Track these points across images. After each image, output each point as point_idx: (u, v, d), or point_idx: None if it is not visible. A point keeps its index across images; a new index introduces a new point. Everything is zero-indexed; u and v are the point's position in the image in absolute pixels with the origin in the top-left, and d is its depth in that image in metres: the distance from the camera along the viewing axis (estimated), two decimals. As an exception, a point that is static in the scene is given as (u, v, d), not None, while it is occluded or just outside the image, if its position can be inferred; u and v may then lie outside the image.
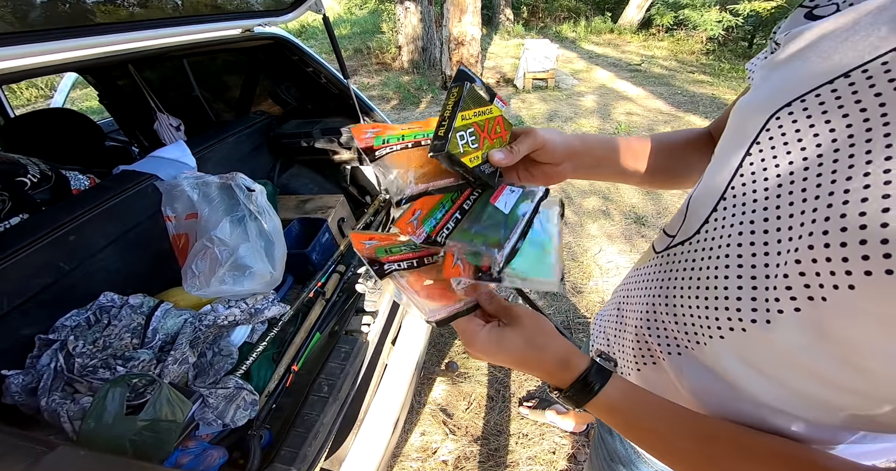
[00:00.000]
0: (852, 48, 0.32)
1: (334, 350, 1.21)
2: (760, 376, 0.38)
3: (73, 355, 0.93)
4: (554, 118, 4.87)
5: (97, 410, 0.77)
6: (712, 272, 0.40)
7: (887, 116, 0.28)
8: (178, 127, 1.99)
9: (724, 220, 0.40)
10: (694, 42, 7.84)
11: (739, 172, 0.39)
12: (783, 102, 0.36)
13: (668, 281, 0.48)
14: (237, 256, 1.14)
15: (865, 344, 0.29)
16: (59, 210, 1.12)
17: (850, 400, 0.33)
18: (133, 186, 1.25)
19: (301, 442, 0.98)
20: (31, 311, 1.00)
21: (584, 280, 2.43)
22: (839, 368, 0.31)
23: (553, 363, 0.45)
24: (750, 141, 0.39)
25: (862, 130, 0.30)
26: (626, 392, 0.43)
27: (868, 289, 0.27)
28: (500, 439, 1.67)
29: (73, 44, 1.05)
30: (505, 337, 0.46)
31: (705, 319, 0.41)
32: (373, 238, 0.54)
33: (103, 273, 1.16)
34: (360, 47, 8.59)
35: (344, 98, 1.77)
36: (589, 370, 0.44)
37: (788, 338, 0.33)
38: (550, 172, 0.59)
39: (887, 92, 0.29)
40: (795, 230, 0.32)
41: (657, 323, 0.50)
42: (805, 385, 0.35)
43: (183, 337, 1.03)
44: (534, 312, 0.49)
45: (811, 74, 0.35)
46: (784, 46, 0.40)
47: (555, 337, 0.47)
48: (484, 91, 0.54)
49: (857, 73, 0.31)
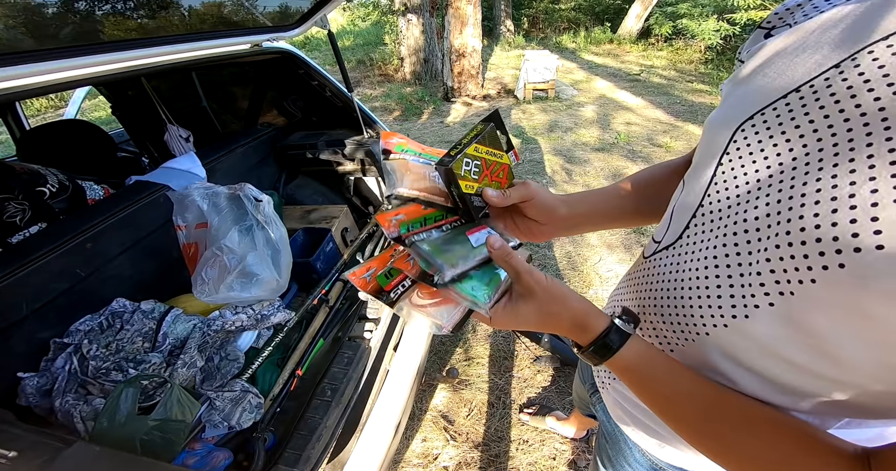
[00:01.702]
0: (801, 65, 0.36)
1: (337, 356, 1.23)
2: (743, 368, 0.41)
3: (86, 358, 0.97)
4: (554, 129, 4.92)
5: (111, 409, 0.80)
6: (694, 274, 0.44)
7: (832, 128, 0.32)
8: (188, 138, 2.04)
9: (703, 225, 0.44)
10: (692, 51, 7.90)
11: (714, 181, 0.43)
12: (746, 116, 0.40)
13: (656, 284, 0.51)
14: (245, 264, 1.18)
15: (831, 332, 0.32)
16: (76, 219, 1.16)
17: (826, 387, 0.36)
18: (146, 196, 1.30)
19: (304, 445, 1.00)
20: (48, 315, 1.04)
21: (584, 289, 2.46)
22: (812, 356, 0.34)
23: (569, 327, 0.47)
24: (721, 152, 0.42)
25: (813, 140, 0.33)
26: (640, 353, 0.45)
27: (826, 282, 0.30)
28: (500, 445, 1.68)
29: (92, 60, 1.10)
30: (519, 312, 0.48)
31: (690, 317, 0.44)
32: (370, 268, 0.55)
33: (116, 280, 1.20)
34: (363, 59, 8.71)
35: (348, 110, 1.82)
36: (607, 332, 0.46)
37: (766, 330, 0.37)
38: (535, 229, 0.63)
39: (829, 106, 0.33)
40: (763, 232, 0.35)
41: (648, 323, 0.53)
42: (784, 375, 0.38)
43: (192, 342, 1.07)
44: (546, 278, 0.48)
45: (768, 90, 0.39)
46: (746, 64, 0.44)
47: (567, 302, 0.47)
48: (504, 141, 0.58)
49: (805, 88, 0.35)
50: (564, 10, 11.56)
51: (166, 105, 2.05)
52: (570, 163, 4.02)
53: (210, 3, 1.33)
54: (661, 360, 0.45)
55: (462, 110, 6.04)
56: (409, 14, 6.57)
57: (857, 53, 0.32)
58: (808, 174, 0.33)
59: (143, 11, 1.18)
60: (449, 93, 6.48)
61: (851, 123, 0.31)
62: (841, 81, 0.32)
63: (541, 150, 4.38)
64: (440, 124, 5.51)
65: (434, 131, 5.25)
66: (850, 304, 0.30)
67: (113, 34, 1.18)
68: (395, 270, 0.55)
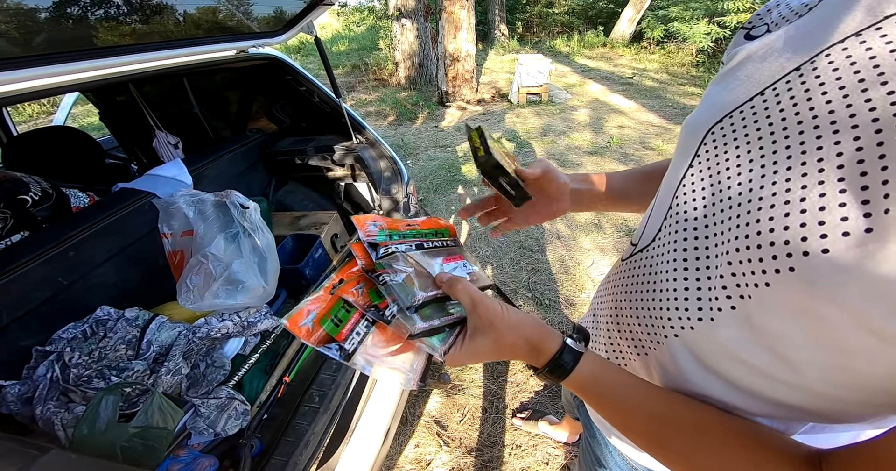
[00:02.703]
0: (768, 68, 0.37)
1: (326, 362, 1.23)
2: (709, 372, 0.42)
3: (68, 366, 0.96)
4: (548, 133, 4.94)
5: (90, 416, 0.80)
6: (663, 277, 0.44)
7: (787, 131, 0.32)
8: (177, 145, 2.04)
9: (670, 228, 0.44)
10: (684, 54, 7.96)
11: (682, 184, 0.43)
12: (716, 119, 0.40)
13: (631, 286, 0.51)
14: (231, 272, 1.18)
15: (785, 335, 0.32)
16: (59, 227, 1.16)
17: (785, 391, 0.36)
18: (131, 203, 1.29)
19: (291, 451, 1.00)
20: (30, 323, 1.03)
21: (577, 292, 2.46)
22: (770, 359, 0.35)
23: (526, 353, 0.47)
24: (692, 155, 0.42)
25: (769, 143, 0.33)
26: (592, 372, 0.45)
27: (779, 285, 0.31)
28: (493, 451, 1.67)
29: (75, 67, 1.10)
30: (476, 348, 0.48)
31: (659, 320, 0.45)
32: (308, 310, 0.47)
33: (101, 288, 1.20)
34: (357, 64, 8.75)
35: (337, 116, 1.82)
36: (560, 352, 0.46)
37: (728, 333, 0.37)
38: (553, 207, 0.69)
39: (787, 109, 0.33)
40: (725, 235, 0.35)
41: (624, 326, 0.53)
42: (746, 378, 0.38)
43: (177, 349, 1.06)
44: (500, 307, 0.48)
45: (737, 93, 0.39)
46: (724, 66, 0.45)
47: (522, 328, 0.47)
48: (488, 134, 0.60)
49: (768, 92, 0.35)
50: (558, 14, 11.65)
51: (158, 111, 2.05)
52: (564, 166, 4.04)
53: (195, 9, 1.34)
54: (613, 374, 0.46)
55: (457, 115, 6.06)
56: (403, 19, 6.60)
57: (815, 57, 0.32)
58: (764, 178, 0.33)
59: (127, 18, 1.18)
60: (443, 97, 6.51)
61: (804, 126, 0.31)
62: (800, 85, 0.32)
63: (535, 153, 4.40)
64: (435, 129, 5.52)
65: (429, 136, 5.26)
66: (801, 306, 0.30)
67: (96, 40, 1.18)
68: (343, 312, 0.47)
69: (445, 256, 0.55)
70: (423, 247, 0.56)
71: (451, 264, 0.54)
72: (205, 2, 1.31)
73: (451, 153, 4.62)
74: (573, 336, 0.47)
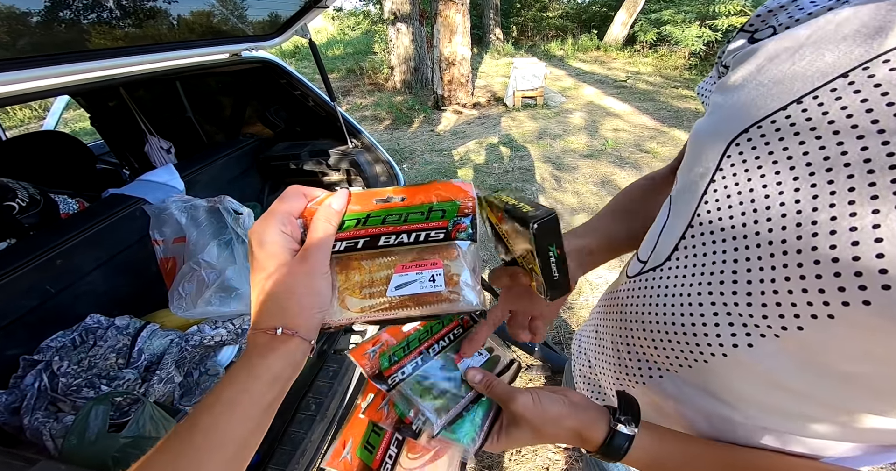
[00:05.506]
0: (801, 74, 0.33)
1: (323, 369, 1.21)
2: (743, 396, 0.39)
3: (57, 375, 0.94)
4: (543, 136, 4.95)
5: (80, 427, 0.78)
6: (686, 300, 0.40)
7: (843, 146, 0.28)
8: (169, 150, 2.02)
9: (693, 248, 0.40)
10: (677, 58, 8.03)
11: (704, 199, 0.39)
12: (740, 128, 0.36)
13: (643, 307, 0.48)
14: (224, 279, 1.16)
15: (844, 366, 0.30)
16: (46, 234, 1.14)
17: (832, 414, 0.34)
18: (121, 209, 1.27)
19: (288, 460, 0.98)
20: (17, 332, 1.01)
21: (575, 296, 2.45)
22: (819, 387, 0.33)
23: (570, 441, 0.46)
24: (713, 168, 0.38)
25: (819, 158, 0.29)
26: (649, 450, 0.44)
27: (847, 319, 0.28)
28: (493, 456, 1.65)
29: (63, 69, 1.08)
30: (514, 438, 0.46)
31: (686, 345, 0.41)
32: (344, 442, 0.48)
33: (91, 296, 1.17)
34: (353, 68, 8.75)
35: (331, 120, 1.81)
36: (610, 438, 0.44)
37: (770, 361, 0.34)
38: None
39: (840, 120, 0.29)
40: (767, 260, 0.32)
41: (635, 347, 0.50)
42: (785, 402, 0.36)
43: (169, 357, 1.04)
44: (532, 401, 0.45)
45: (764, 100, 0.35)
46: (733, 70, 0.41)
47: (561, 421, 0.45)
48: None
49: (808, 99, 0.31)
50: (552, 18, 11.74)
51: (151, 115, 2.03)
52: (560, 170, 4.04)
53: (187, 11, 1.32)
54: (673, 448, 0.44)
55: (452, 118, 6.06)
56: (398, 23, 6.61)
57: (868, 62, 0.29)
58: (817, 199, 0.29)
59: (118, 20, 1.16)
60: (439, 101, 6.51)
61: (867, 141, 0.27)
62: (852, 92, 0.29)
63: (530, 157, 4.40)
64: (430, 133, 5.52)
65: (424, 140, 5.25)
66: (870, 340, 0.27)
67: (86, 43, 1.16)
68: (374, 435, 0.47)
69: (458, 352, 0.50)
70: (434, 350, 0.51)
71: (465, 361, 0.50)
72: (197, 4, 1.30)
73: (447, 157, 4.61)
74: (621, 419, 0.44)
